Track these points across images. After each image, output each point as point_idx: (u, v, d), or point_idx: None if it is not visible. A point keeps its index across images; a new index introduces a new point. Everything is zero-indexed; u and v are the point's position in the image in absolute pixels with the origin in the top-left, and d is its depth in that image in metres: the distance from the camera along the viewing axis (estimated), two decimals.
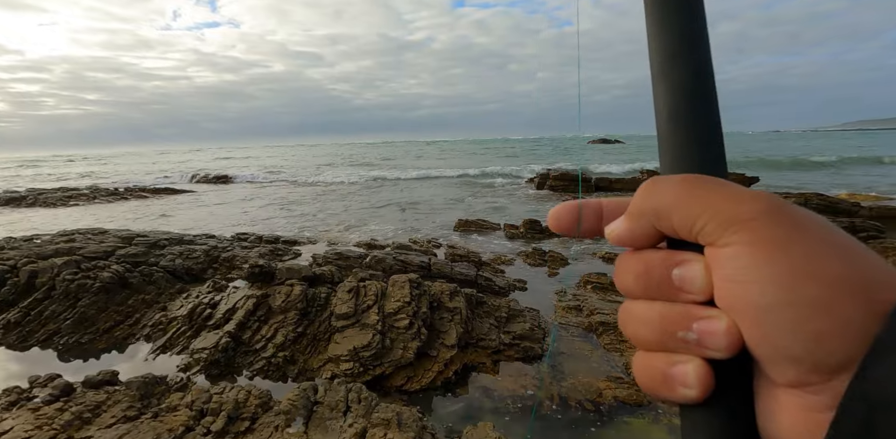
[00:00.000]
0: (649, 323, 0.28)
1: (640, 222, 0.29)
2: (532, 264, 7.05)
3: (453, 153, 54.68)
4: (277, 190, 19.36)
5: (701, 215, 0.26)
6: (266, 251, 6.89)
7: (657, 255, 0.29)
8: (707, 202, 0.26)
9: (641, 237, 0.30)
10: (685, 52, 0.30)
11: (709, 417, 0.27)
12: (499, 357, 3.76)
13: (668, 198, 0.27)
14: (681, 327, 0.27)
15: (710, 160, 0.29)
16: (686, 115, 0.29)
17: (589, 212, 0.33)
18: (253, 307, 4.19)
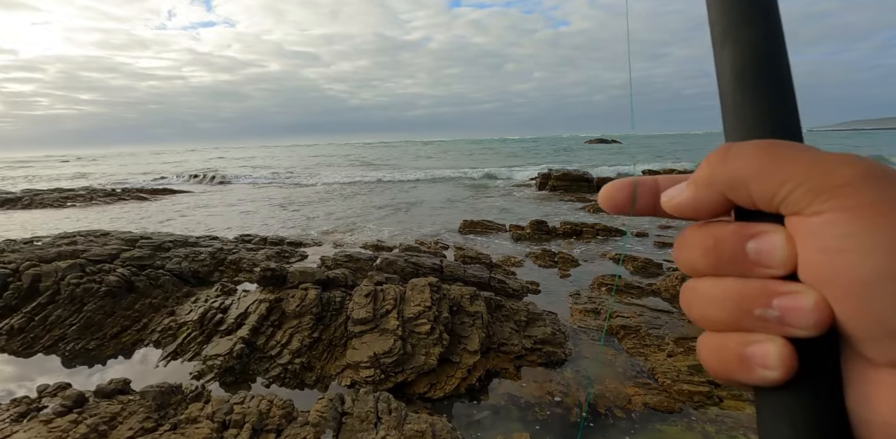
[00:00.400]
0: (720, 301, 0.26)
1: (708, 191, 0.27)
2: (542, 265, 6.96)
3: (451, 153, 54.62)
4: (276, 190, 19.21)
5: (786, 182, 0.23)
6: (272, 253, 6.77)
7: (728, 228, 0.26)
8: (793, 168, 0.23)
9: (707, 207, 0.27)
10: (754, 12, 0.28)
11: (791, 401, 0.24)
12: (521, 362, 3.67)
13: (747, 165, 0.25)
14: (758, 304, 0.24)
15: (784, 125, 0.26)
16: (757, 78, 0.27)
17: (644, 189, 0.31)
18: (266, 311, 4.08)
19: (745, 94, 0.27)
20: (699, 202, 0.27)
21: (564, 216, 11.33)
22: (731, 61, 0.28)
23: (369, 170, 29.47)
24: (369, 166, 34.19)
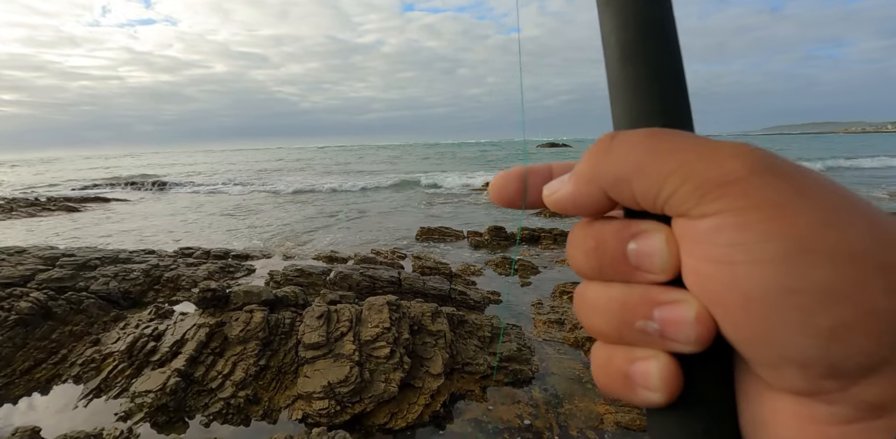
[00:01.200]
0: (604, 310, 0.24)
1: (588, 187, 0.24)
2: (502, 273, 6.85)
3: (407, 158, 54.32)
4: (221, 198, 18.22)
5: (669, 178, 0.21)
6: (216, 268, 6.27)
7: (609, 227, 0.24)
8: (677, 161, 0.21)
9: (588, 204, 0.24)
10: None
11: (680, 423, 0.22)
12: (487, 382, 3.48)
13: (628, 160, 0.22)
14: (639, 315, 0.22)
15: (672, 106, 0.24)
16: (640, 53, 0.25)
17: (537, 179, 0.28)
18: (206, 338, 3.68)
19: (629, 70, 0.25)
20: (580, 199, 0.25)
21: (524, 221, 11.33)
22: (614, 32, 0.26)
23: (322, 176, 28.67)
24: (322, 171, 33.25)
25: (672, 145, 0.21)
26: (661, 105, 0.24)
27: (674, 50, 0.25)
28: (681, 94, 0.25)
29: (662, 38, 0.25)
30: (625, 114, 0.25)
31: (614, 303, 0.23)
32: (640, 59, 0.25)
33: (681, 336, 0.21)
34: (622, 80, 0.25)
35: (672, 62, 0.25)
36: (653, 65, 0.25)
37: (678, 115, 0.24)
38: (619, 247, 0.23)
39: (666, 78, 0.25)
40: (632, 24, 0.25)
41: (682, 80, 0.25)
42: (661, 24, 0.25)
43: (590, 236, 0.25)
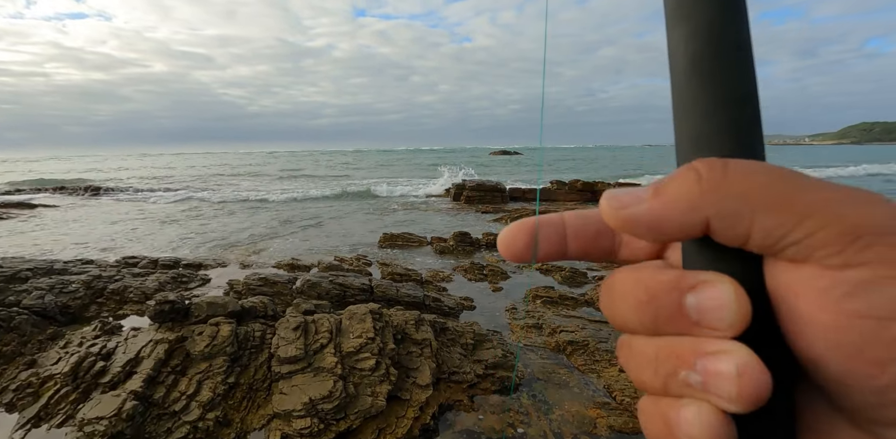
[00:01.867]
0: (652, 360, 0.22)
1: (688, 211, 0.21)
2: (472, 279, 6.78)
3: (360, 164, 53.58)
4: (162, 204, 17.10)
5: (807, 219, 0.19)
6: (167, 278, 5.79)
7: (664, 277, 0.22)
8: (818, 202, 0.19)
9: (676, 230, 0.22)
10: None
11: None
12: (474, 391, 3.36)
13: (756, 193, 0.20)
14: (684, 365, 0.21)
15: (744, 122, 0.22)
16: (712, 66, 0.23)
17: (549, 230, 0.27)
18: (165, 355, 3.34)
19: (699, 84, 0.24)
20: (668, 222, 0.22)
21: (484, 227, 11.36)
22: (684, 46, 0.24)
23: (273, 181, 27.67)
24: (273, 177, 32.06)
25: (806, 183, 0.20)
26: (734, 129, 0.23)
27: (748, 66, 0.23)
28: (754, 119, 0.23)
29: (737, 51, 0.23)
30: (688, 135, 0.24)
31: (662, 353, 0.22)
32: (711, 74, 0.23)
33: (722, 391, 0.19)
34: (688, 97, 0.24)
35: (746, 80, 0.23)
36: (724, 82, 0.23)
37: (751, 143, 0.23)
38: (677, 300, 0.21)
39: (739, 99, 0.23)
40: (702, 36, 0.23)
41: (756, 102, 0.23)
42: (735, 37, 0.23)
43: (641, 287, 0.22)
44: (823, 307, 0.19)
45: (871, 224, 0.18)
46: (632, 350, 0.24)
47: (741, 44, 0.23)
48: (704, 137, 0.23)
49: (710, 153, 0.23)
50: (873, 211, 0.18)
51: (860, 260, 0.18)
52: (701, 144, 0.23)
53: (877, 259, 0.18)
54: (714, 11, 0.23)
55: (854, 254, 0.18)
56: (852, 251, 0.18)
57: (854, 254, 0.18)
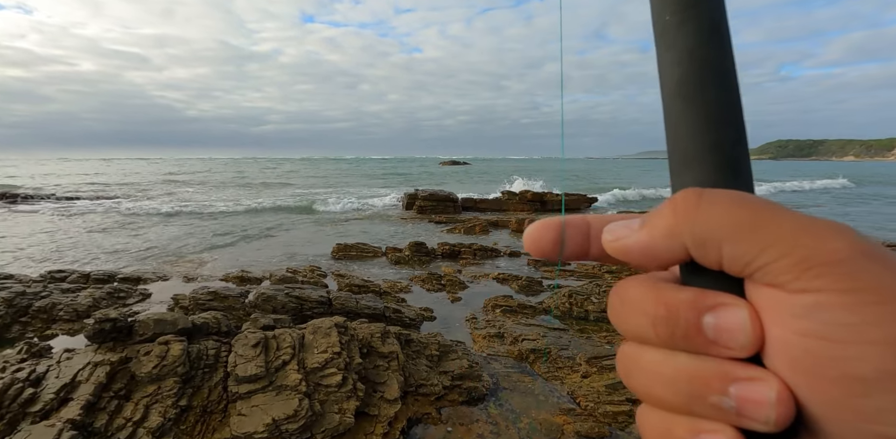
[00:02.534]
0: (671, 381, 0.23)
1: (668, 241, 0.24)
2: (430, 289, 6.75)
3: (307, 172, 52.27)
4: (91, 213, 15.82)
5: (768, 249, 0.21)
6: (102, 294, 5.34)
7: (682, 296, 0.23)
8: (777, 232, 0.21)
9: (661, 257, 0.24)
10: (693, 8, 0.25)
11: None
12: (442, 403, 3.33)
13: (724, 221, 0.22)
14: (714, 390, 0.22)
15: (728, 143, 0.24)
16: (698, 89, 0.24)
17: (574, 231, 0.28)
18: (106, 378, 3.06)
19: (686, 107, 0.25)
20: (654, 250, 0.24)
21: (438, 237, 11.39)
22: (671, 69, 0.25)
23: (214, 190, 26.38)
24: (214, 185, 30.54)
25: (769, 215, 0.22)
26: (718, 149, 0.24)
27: (732, 91, 0.24)
28: (738, 139, 0.24)
29: (720, 77, 0.24)
30: (678, 155, 0.25)
31: (683, 375, 0.23)
32: (696, 99, 0.25)
33: (760, 416, 0.21)
34: (675, 119, 0.25)
35: (730, 104, 0.24)
36: (709, 106, 0.24)
37: (735, 161, 0.24)
38: (695, 319, 0.23)
39: (722, 120, 0.24)
40: (686, 62, 0.25)
41: (741, 122, 0.24)
42: (719, 63, 0.24)
43: (660, 303, 0.24)
44: (781, 325, 0.21)
45: (823, 255, 0.20)
46: (639, 364, 0.24)
47: (724, 68, 0.25)
48: (692, 156, 0.25)
49: (698, 170, 0.24)
50: (827, 243, 0.20)
51: (813, 286, 0.20)
52: (689, 163, 0.25)
53: (825, 286, 0.20)
54: (697, 38, 0.25)
55: (808, 281, 0.20)
56: (806, 278, 0.20)
57: (808, 281, 0.20)
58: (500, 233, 11.98)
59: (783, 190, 30.54)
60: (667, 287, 0.24)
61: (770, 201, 0.22)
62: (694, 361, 0.23)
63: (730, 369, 0.22)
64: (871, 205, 20.58)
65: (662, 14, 0.26)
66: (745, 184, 0.24)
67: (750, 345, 0.21)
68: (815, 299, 0.20)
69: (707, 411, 0.22)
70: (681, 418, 0.23)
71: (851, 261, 0.20)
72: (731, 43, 0.25)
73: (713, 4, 0.25)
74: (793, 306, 0.21)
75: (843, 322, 0.19)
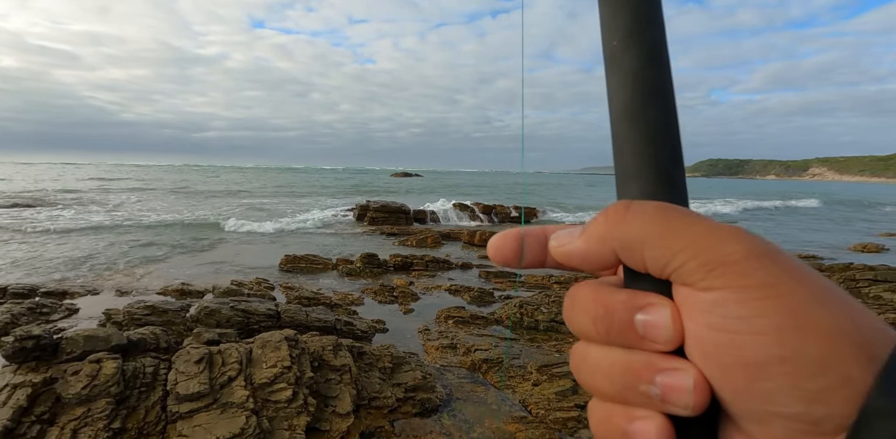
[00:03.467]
0: (608, 373, 0.26)
1: (599, 246, 0.27)
2: (382, 301, 6.69)
3: (254, 182, 50.46)
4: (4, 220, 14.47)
5: (679, 253, 0.24)
6: (21, 310, 4.88)
7: (619, 297, 0.26)
8: (687, 238, 0.24)
9: (596, 261, 0.28)
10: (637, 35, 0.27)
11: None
12: (395, 415, 3.30)
13: (643, 229, 0.25)
14: (643, 380, 0.25)
15: (665, 158, 0.27)
16: (640, 110, 0.27)
17: (533, 240, 0.31)
18: (27, 401, 2.81)
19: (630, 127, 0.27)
20: (589, 255, 0.27)
21: (390, 249, 11.31)
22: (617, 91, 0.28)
23: (148, 196, 24.87)
24: (146, 191, 28.79)
25: (683, 223, 0.25)
26: (656, 165, 0.27)
27: (670, 112, 0.27)
28: (674, 155, 0.27)
29: (659, 99, 0.27)
30: (622, 170, 0.28)
31: (618, 367, 0.26)
32: (638, 119, 0.27)
33: (679, 401, 0.24)
34: (620, 137, 0.28)
35: (668, 124, 0.27)
36: (649, 126, 0.27)
37: (671, 176, 0.27)
38: (628, 318, 0.25)
39: (661, 139, 0.27)
40: (630, 84, 0.27)
41: (677, 141, 0.27)
42: (660, 87, 0.27)
43: (600, 304, 0.26)
44: (694, 320, 0.24)
45: (723, 256, 0.23)
46: (586, 359, 0.27)
47: (663, 90, 0.27)
48: (633, 172, 0.27)
49: (639, 184, 0.27)
50: (726, 246, 0.23)
51: (714, 285, 0.23)
52: (632, 177, 0.27)
53: (724, 284, 0.22)
54: (640, 62, 0.27)
55: (711, 280, 0.23)
56: (710, 278, 0.23)
57: (711, 280, 0.23)
58: (453, 246, 12.07)
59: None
60: (607, 289, 0.27)
61: (688, 210, 0.26)
62: (627, 355, 0.25)
63: (656, 361, 0.24)
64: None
65: (610, 39, 0.28)
66: (680, 196, 0.27)
67: (672, 340, 0.24)
68: (715, 296, 0.23)
69: (638, 399, 0.25)
70: (618, 407, 0.26)
71: (745, 262, 0.22)
72: (671, 67, 0.28)
73: (655, 32, 0.27)
74: (701, 302, 0.23)
75: (738, 315, 0.22)
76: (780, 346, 0.21)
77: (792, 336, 0.21)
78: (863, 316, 0.22)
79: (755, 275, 0.22)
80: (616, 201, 0.27)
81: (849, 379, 0.21)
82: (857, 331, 0.21)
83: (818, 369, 0.21)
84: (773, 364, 0.21)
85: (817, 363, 0.21)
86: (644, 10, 0.28)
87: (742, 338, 0.22)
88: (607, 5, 0.28)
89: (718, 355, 0.23)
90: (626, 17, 0.28)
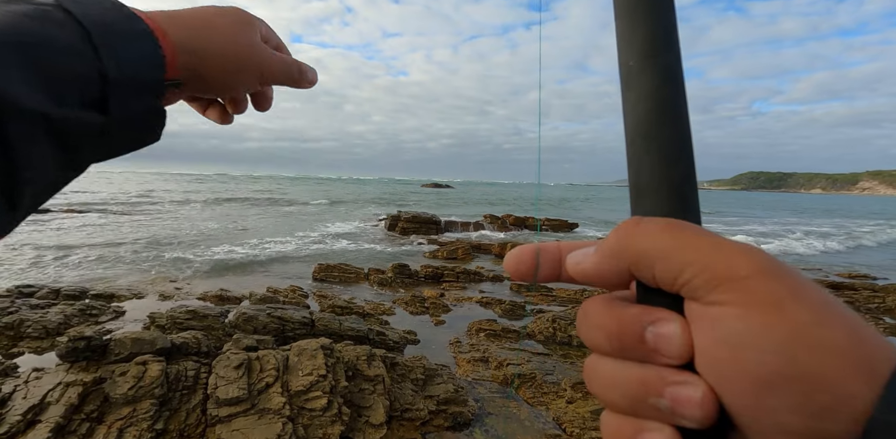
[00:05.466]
0: (619, 386, 0.26)
1: (613, 262, 0.27)
2: (413, 312, 6.70)
3: (290, 191, 51.89)
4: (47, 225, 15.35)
5: (688, 267, 0.24)
6: (73, 311, 5.15)
7: (631, 311, 0.26)
8: (695, 253, 0.24)
9: (610, 277, 0.28)
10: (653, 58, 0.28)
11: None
12: (427, 428, 3.28)
13: (653, 244, 0.25)
14: (653, 393, 0.25)
15: (678, 177, 0.27)
16: (655, 128, 0.27)
17: (547, 256, 0.32)
18: (78, 399, 2.94)
19: (644, 145, 0.27)
20: (603, 271, 0.28)
21: (421, 260, 11.36)
22: (633, 110, 0.28)
23: (203, 207, 25.90)
24: (207, 200, 30.00)
25: (692, 239, 0.25)
26: (669, 183, 0.27)
27: (684, 131, 0.27)
28: (688, 174, 0.27)
29: (674, 119, 0.27)
30: (636, 187, 0.28)
31: (629, 380, 0.26)
32: (652, 137, 0.27)
33: (688, 414, 0.23)
34: (635, 155, 0.28)
35: (682, 143, 0.27)
36: (664, 144, 0.27)
37: (684, 194, 0.27)
38: (639, 332, 0.25)
39: (675, 157, 0.27)
40: (645, 104, 0.28)
41: (691, 159, 0.27)
42: (674, 106, 0.27)
43: (612, 318, 0.27)
44: (702, 334, 0.24)
45: (728, 272, 0.23)
46: (598, 372, 0.27)
47: (678, 110, 0.28)
48: (647, 189, 0.28)
49: (652, 201, 0.27)
50: (733, 262, 0.23)
51: (720, 300, 0.23)
52: (644, 194, 0.28)
53: (728, 300, 0.23)
54: (655, 82, 0.28)
55: (716, 295, 0.23)
56: (715, 293, 0.23)
57: (717, 295, 0.23)
58: (484, 258, 12.02)
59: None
60: (620, 304, 0.27)
61: (696, 227, 0.26)
62: (638, 368, 0.26)
63: (666, 374, 0.25)
64: None
65: (627, 60, 0.29)
66: (692, 213, 0.27)
67: (682, 354, 0.24)
68: (721, 311, 0.23)
69: (648, 412, 0.25)
70: (630, 419, 0.26)
71: (750, 278, 0.23)
72: (685, 88, 0.28)
73: (671, 54, 0.28)
74: (708, 317, 0.24)
75: (742, 331, 0.22)
76: (783, 363, 0.21)
77: (794, 353, 0.21)
78: (865, 332, 0.22)
79: (759, 292, 0.22)
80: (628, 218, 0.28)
81: (851, 396, 0.21)
82: (859, 348, 0.21)
83: (820, 386, 0.21)
84: (777, 381, 0.21)
85: (819, 380, 0.21)
86: (660, 32, 0.28)
87: (746, 354, 0.22)
88: (624, 27, 0.29)
89: (725, 370, 0.23)
90: (642, 40, 0.28)
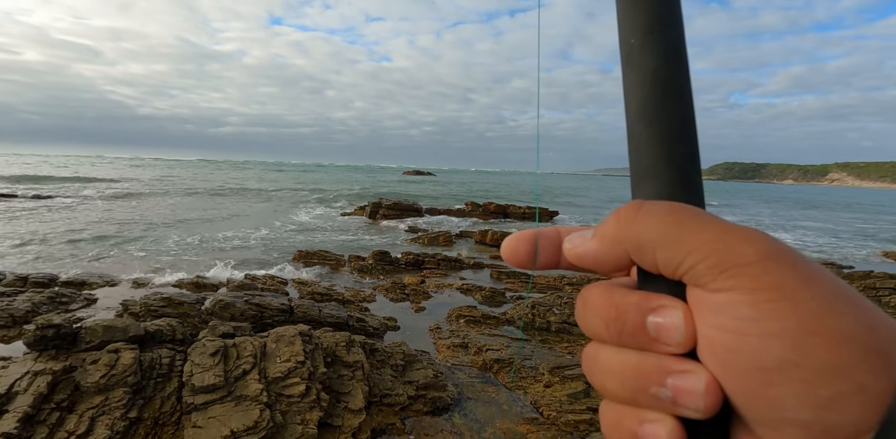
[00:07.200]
0: (619, 375, 0.25)
1: (612, 248, 0.26)
2: (394, 299, 6.70)
3: (269, 177, 50.94)
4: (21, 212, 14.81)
5: (691, 253, 0.23)
6: (42, 298, 4.99)
7: (630, 299, 0.25)
8: (699, 239, 0.23)
9: (609, 262, 0.27)
10: (655, 34, 0.27)
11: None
12: (406, 413, 3.30)
13: (655, 229, 0.24)
14: (654, 382, 0.24)
15: (681, 157, 0.26)
16: (657, 110, 0.26)
17: (546, 242, 0.31)
18: (47, 389, 2.86)
19: (647, 125, 0.26)
20: (602, 256, 0.27)
21: (402, 246, 11.34)
22: (635, 90, 0.27)
23: (163, 196, 25.25)
24: (180, 191, 29.20)
25: (695, 224, 0.24)
26: (672, 165, 0.26)
27: (688, 111, 0.27)
28: (692, 155, 0.26)
29: (678, 98, 0.26)
30: (637, 169, 0.27)
31: (629, 369, 0.25)
32: (655, 117, 0.26)
33: (691, 404, 0.23)
34: (636, 136, 0.27)
35: (686, 123, 0.26)
36: (667, 124, 0.26)
37: (688, 176, 0.26)
38: (640, 320, 0.25)
39: (678, 138, 0.26)
40: (648, 83, 0.27)
41: (695, 140, 0.27)
42: (678, 85, 0.27)
43: (611, 306, 0.26)
44: (706, 322, 0.23)
45: (734, 258, 0.22)
46: (597, 361, 0.27)
47: (682, 89, 0.27)
48: (649, 171, 0.27)
49: (654, 184, 0.26)
50: (739, 248, 0.22)
51: (725, 286, 0.22)
52: (646, 177, 0.27)
53: (734, 286, 0.22)
54: (658, 60, 0.27)
55: (722, 282, 0.22)
56: (721, 279, 0.22)
57: (722, 281, 0.22)
58: (465, 244, 12.05)
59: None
60: (620, 291, 0.26)
61: (700, 211, 0.25)
62: (639, 357, 0.25)
63: (667, 363, 0.24)
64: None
65: (628, 37, 0.28)
66: (696, 196, 0.26)
67: (684, 342, 0.24)
68: (726, 298, 0.22)
69: (649, 401, 0.24)
70: (630, 409, 0.25)
71: (758, 264, 0.22)
72: (689, 66, 0.27)
73: (674, 31, 0.27)
74: (712, 304, 0.23)
75: (748, 317, 0.21)
76: (792, 351, 0.21)
77: (803, 340, 0.21)
78: (880, 321, 0.21)
79: (767, 278, 0.22)
80: (629, 201, 0.27)
81: (862, 386, 0.20)
82: (872, 337, 0.21)
83: (830, 375, 0.20)
84: (785, 369, 0.21)
85: (829, 369, 0.20)
86: (663, 8, 0.27)
87: (753, 342, 0.21)
88: (625, 2, 0.28)
89: (729, 358, 0.22)
90: (644, 15, 0.27)
